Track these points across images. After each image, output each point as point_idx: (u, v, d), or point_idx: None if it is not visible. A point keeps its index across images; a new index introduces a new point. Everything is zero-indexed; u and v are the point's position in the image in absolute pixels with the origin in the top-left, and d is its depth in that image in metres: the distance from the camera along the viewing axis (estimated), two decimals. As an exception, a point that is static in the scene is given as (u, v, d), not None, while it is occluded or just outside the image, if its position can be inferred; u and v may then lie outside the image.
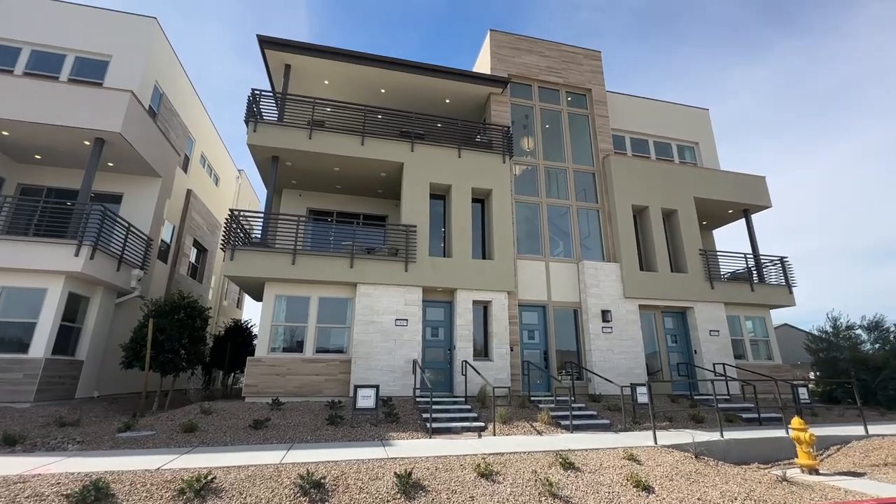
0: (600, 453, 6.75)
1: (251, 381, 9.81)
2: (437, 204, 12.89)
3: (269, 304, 10.58)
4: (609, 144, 14.70)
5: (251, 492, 4.85)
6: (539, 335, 12.41)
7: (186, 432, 7.41)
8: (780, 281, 14.62)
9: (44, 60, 11.90)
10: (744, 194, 15.19)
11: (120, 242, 10.98)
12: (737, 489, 5.72)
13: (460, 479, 5.54)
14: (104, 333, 11.09)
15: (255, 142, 11.33)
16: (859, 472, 7.11)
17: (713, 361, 12.67)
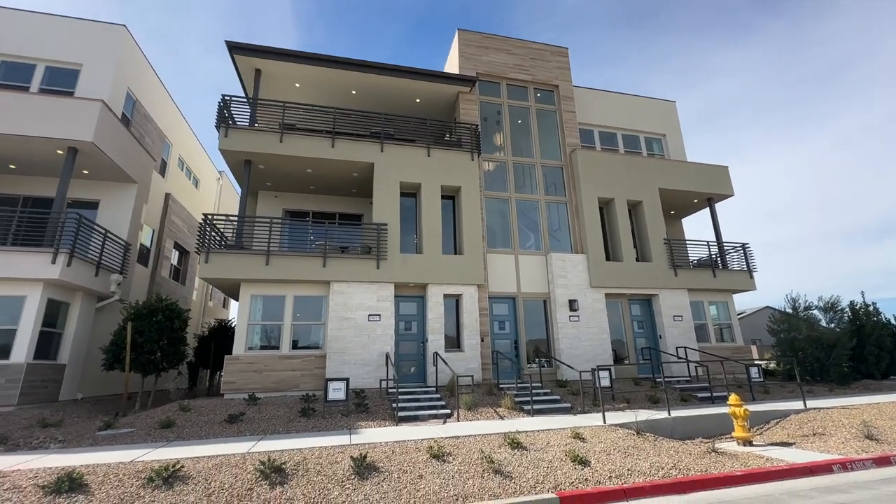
0: (550, 433, 7.28)
1: (229, 379, 10.22)
2: (409, 201, 13.28)
3: (245, 303, 10.96)
4: (576, 139, 15.17)
5: (216, 478, 5.29)
6: (510, 325, 12.94)
7: (164, 428, 7.83)
8: (743, 267, 15.28)
9: (14, 71, 12.03)
10: (707, 184, 15.78)
11: (97, 248, 11.25)
12: (667, 460, 6.29)
13: (413, 460, 6.03)
14: (85, 337, 11.41)
15: (226, 147, 11.62)
16: (790, 442, 7.73)
17: (676, 345, 13.31)
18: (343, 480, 5.39)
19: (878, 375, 14.54)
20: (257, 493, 5.04)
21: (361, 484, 5.33)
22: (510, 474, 5.71)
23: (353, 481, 5.39)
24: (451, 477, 5.59)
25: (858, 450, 6.98)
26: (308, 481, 5.33)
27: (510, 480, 5.56)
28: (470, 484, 5.43)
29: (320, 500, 4.94)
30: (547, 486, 5.44)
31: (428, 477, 5.58)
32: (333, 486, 5.27)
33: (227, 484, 5.16)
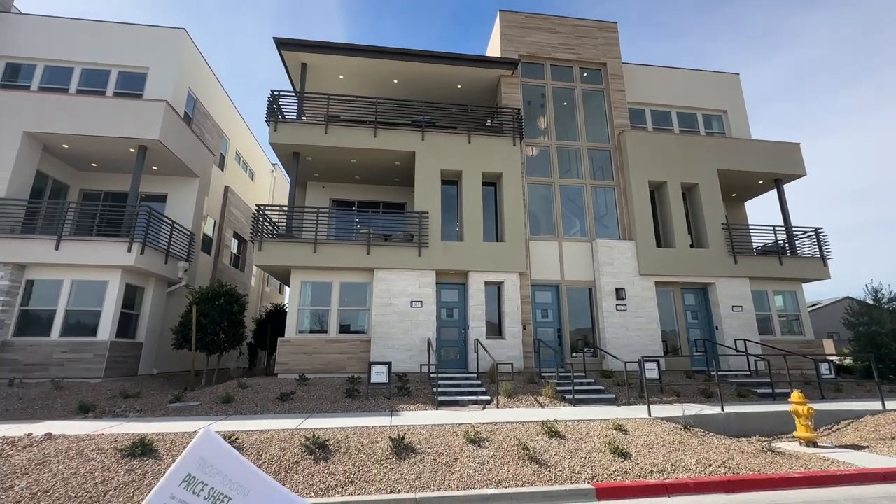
0: (590, 424, 7.14)
1: (282, 360, 10.89)
2: (451, 188, 13.30)
3: (296, 289, 11.57)
4: (625, 119, 14.40)
5: (266, 450, 5.71)
6: (552, 314, 12.71)
7: (224, 403, 8.52)
8: (815, 253, 13.94)
9: (93, 77, 13.26)
10: (774, 163, 14.45)
11: (166, 238, 12.30)
12: (716, 457, 5.97)
13: (450, 444, 6.16)
14: (158, 319, 12.58)
15: (276, 140, 12.19)
16: (862, 445, 7.07)
17: (735, 338, 12.47)
18: (381, 459, 5.62)
19: (980, 376, 12.82)
20: (302, 466, 5.38)
21: (399, 463, 5.54)
22: (546, 462, 5.68)
23: (390, 460, 5.60)
24: (486, 462, 5.66)
25: (946, 458, 6.25)
26: (349, 458, 5.61)
27: (546, 468, 5.53)
28: (504, 470, 5.47)
29: (359, 477, 5.19)
30: (584, 477, 5.36)
31: (463, 461, 5.68)
32: (372, 463, 5.51)
33: (276, 457, 5.55)
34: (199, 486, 0.91)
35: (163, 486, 0.84)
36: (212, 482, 0.93)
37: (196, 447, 0.92)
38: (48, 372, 10.11)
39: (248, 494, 0.99)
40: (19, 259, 10.56)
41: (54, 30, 13.32)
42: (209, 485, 0.92)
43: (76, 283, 10.98)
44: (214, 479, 0.93)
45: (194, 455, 0.90)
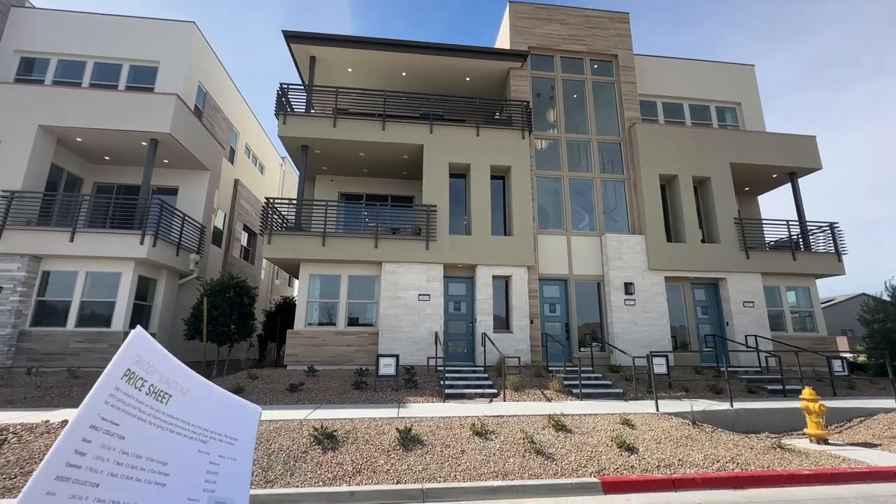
0: (597, 418, 7.13)
1: (291, 351, 11.01)
2: (459, 182, 13.26)
3: (305, 282, 11.67)
4: (636, 112, 14.20)
5: (276, 440, 5.80)
6: (560, 308, 12.67)
7: (235, 393, 8.62)
8: (829, 249, 13.68)
9: (105, 71, 13.40)
10: (789, 157, 14.17)
11: (177, 231, 12.46)
12: (724, 453, 5.94)
13: (457, 436, 6.20)
14: (170, 310, 12.78)
15: (285, 133, 12.23)
16: (875, 443, 6.97)
17: (745, 333, 12.33)
18: (388, 450, 5.68)
19: None
20: (311, 455, 5.46)
21: (405, 455, 5.59)
22: (552, 456, 5.70)
23: (397, 451, 5.66)
24: (493, 454, 5.69)
25: (961, 457, 6.14)
26: (357, 449, 5.68)
27: (552, 462, 5.55)
28: (511, 462, 5.50)
29: (366, 467, 5.26)
30: (590, 471, 5.37)
31: (469, 453, 5.72)
32: (379, 454, 5.57)
33: (286, 446, 5.64)
34: (140, 382, 0.90)
35: (105, 378, 0.82)
36: (150, 378, 0.92)
37: (130, 345, 0.91)
38: (64, 361, 10.34)
39: (187, 393, 0.98)
40: (35, 251, 10.78)
41: (67, 24, 13.46)
42: (148, 381, 0.91)
43: (90, 275, 11.18)
44: (152, 376, 0.93)
45: (130, 351, 0.90)
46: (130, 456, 0.84)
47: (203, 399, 1.07)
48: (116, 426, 0.83)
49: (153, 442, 0.90)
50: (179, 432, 0.96)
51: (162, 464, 0.90)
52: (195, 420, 1.01)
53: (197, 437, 1.00)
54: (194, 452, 0.98)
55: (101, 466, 0.79)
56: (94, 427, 0.80)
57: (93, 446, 0.79)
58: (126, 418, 0.86)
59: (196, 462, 0.98)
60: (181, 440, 0.96)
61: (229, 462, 1.06)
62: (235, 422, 1.13)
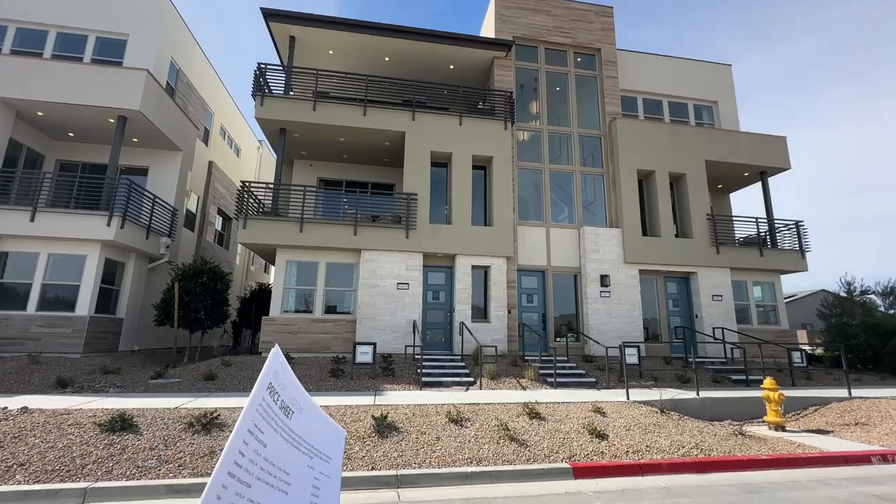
0: (570, 406, 7.30)
1: (266, 339, 10.84)
2: (440, 171, 13.18)
3: (281, 268, 11.45)
4: (617, 107, 14.36)
5: (249, 427, 5.71)
6: (538, 299, 12.84)
7: (207, 380, 8.47)
8: (794, 246, 14.26)
9: (68, 42, 12.65)
10: (760, 156, 14.63)
11: (147, 213, 12.00)
12: (689, 439, 6.18)
13: (433, 423, 6.24)
14: (139, 295, 12.36)
15: (262, 115, 11.88)
16: (827, 430, 7.38)
17: (713, 326, 12.79)
18: (364, 437, 5.68)
19: (941, 367, 13.42)
20: (285, 443, 5.41)
21: (381, 441, 5.60)
22: (525, 442, 5.81)
23: (373, 438, 5.66)
24: (468, 441, 5.76)
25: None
26: (332, 436, 5.65)
27: (525, 448, 5.66)
28: (485, 449, 5.58)
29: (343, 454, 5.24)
30: (561, 456, 5.50)
31: (445, 440, 5.78)
32: (355, 442, 5.57)
33: (259, 433, 5.56)
34: (276, 396, 0.97)
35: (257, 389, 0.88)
36: (282, 394, 1.00)
37: (272, 362, 0.98)
38: (24, 346, 9.89)
39: (302, 411, 1.05)
40: (-8, 230, 10.21)
41: (27, -11, 12.62)
42: (281, 396, 0.99)
43: (53, 257, 10.69)
44: (283, 391, 1.00)
45: (272, 368, 0.97)
46: (268, 463, 0.89)
47: (311, 418, 1.15)
48: (262, 434, 0.90)
49: (282, 453, 0.96)
50: (297, 446, 1.02)
51: (286, 473, 0.95)
52: (306, 437, 1.08)
53: (307, 453, 1.07)
54: (305, 467, 1.04)
55: (252, 469, 0.83)
56: (250, 432, 0.86)
57: (248, 449, 0.84)
58: (267, 428, 0.93)
59: (306, 476, 1.04)
60: (298, 454, 1.02)
61: (326, 479, 1.13)
62: (330, 441, 1.21)
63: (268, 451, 0.90)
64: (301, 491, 1.00)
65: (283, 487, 0.94)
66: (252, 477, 0.84)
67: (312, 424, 1.10)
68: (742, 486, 5.00)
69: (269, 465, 0.89)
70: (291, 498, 0.95)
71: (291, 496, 0.95)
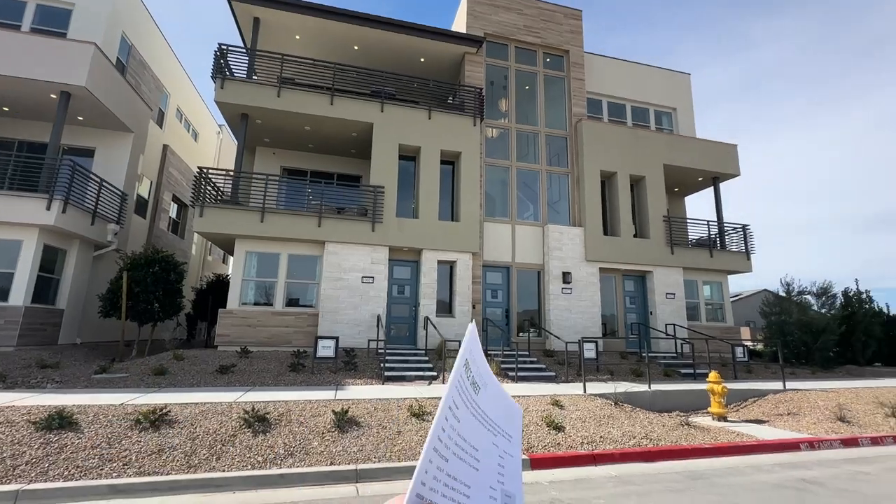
0: (530, 399, 7.48)
1: (223, 332, 10.45)
2: (408, 164, 13.08)
3: (240, 259, 11.05)
4: (583, 109, 14.73)
5: (202, 423, 5.50)
6: (502, 294, 13.05)
7: (157, 375, 8.07)
8: (741, 248, 15.17)
9: (4, 8, 11.60)
10: (714, 162, 15.43)
11: (93, 197, 11.23)
12: (639, 430, 6.48)
13: (394, 417, 6.23)
14: (83, 284, 11.58)
15: (222, 99, 11.35)
16: (763, 420, 7.94)
17: (666, 322, 13.44)
18: (324, 432, 5.60)
19: (863, 362, 14.75)
20: (240, 439, 5.25)
21: (341, 436, 5.54)
22: (486, 435, 5.90)
23: (332, 433, 5.59)
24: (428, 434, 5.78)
25: (829, 431, 7.16)
26: (290, 431, 5.54)
27: (485, 441, 5.74)
28: (446, 442, 5.62)
29: (299, 450, 5.15)
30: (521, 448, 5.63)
31: (406, 433, 5.79)
32: (314, 436, 5.48)
33: (212, 430, 5.37)
34: (469, 372, 0.98)
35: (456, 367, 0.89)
36: (473, 369, 0.99)
37: (469, 340, 0.97)
38: (-52, 338, 9.07)
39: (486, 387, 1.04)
40: (-90, 210, 9.26)
41: (-46, -54, 11.45)
42: (472, 371, 0.99)
43: (-17, 242, 9.83)
44: (475, 367, 0.99)
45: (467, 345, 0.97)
46: (461, 439, 0.87)
47: (493, 394, 1.12)
48: (457, 409, 0.88)
49: (472, 429, 0.93)
50: (483, 422, 0.99)
51: (475, 450, 0.92)
52: (490, 413, 1.11)
53: (491, 430, 1.12)
54: (490, 444, 1.01)
55: (449, 444, 0.82)
56: (450, 408, 0.85)
57: (447, 425, 0.83)
58: (461, 404, 0.91)
59: (492, 453, 1.10)
60: (484, 430, 0.98)
61: (510, 458, 1.12)
62: (510, 419, 1.18)
63: (461, 427, 0.87)
64: (489, 468, 1.05)
65: (475, 464, 0.99)
66: (449, 452, 0.82)
67: (494, 401, 1.14)
68: (686, 473, 5.30)
69: (462, 440, 0.86)
70: (482, 475, 1.00)
71: (482, 473, 1.00)
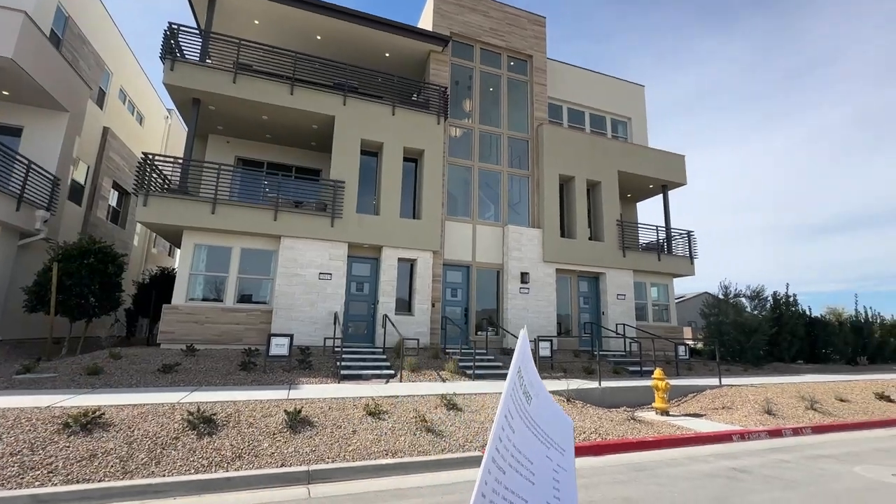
0: (486, 396, 7.59)
1: (167, 328, 9.85)
2: (370, 160, 12.88)
3: (188, 252, 10.46)
4: (545, 113, 15.10)
5: (140, 426, 5.16)
6: (462, 293, 13.15)
7: (90, 375, 7.48)
8: (686, 253, 16.13)
9: (-86, -37, 10.31)
10: (663, 171, 16.30)
11: (19, 180, 10.24)
12: (589, 425, 6.74)
13: (349, 416, 6.12)
14: (6, 276, 10.53)
15: (171, 81, 10.69)
16: (701, 414, 8.48)
17: (617, 322, 14.06)
18: (275, 433, 5.41)
19: (788, 359, 16.11)
20: (183, 442, 4.97)
21: (293, 437, 5.38)
22: (442, 433, 5.94)
23: (284, 434, 5.42)
24: (384, 433, 5.74)
25: (757, 423, 7.76)
26: (238, 433, 5.31)
27: (441, 439, 5.78)
28: (402, 441, 5.61)
29: (248, 451, 4.95)
30: (475, 445, 5.71)
31: (361, 433, 5.70)
32: (264, 437, 5.28)
33: (152, 433, 5.05)
34: (521, 381, 0.98)
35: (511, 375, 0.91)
36: (525, 377, 1.01)
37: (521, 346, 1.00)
38: None
39: (538, 396, 1.06)
40: None
41: None
42: (524, 379, 0.99)
43: None
44: (526, 375, 1.01)
45: (520, 352, 0.99)
46: (516, 450, 0.89)
47: (544, 404, 1.12)
48: (512, 419, 0.90)
49: (526, 440, 0.94)
50: (536, 434, 1.00)
51: (530, 462, 0.93)
52: (541, 424, 1.04)
53: (543, 442, 1.03)
54: (544, 457, 1.01)
55: (506, 456, 0.84)
56: (505, 417, 0.86)
57: (504, 435, 0.85)
58: (515, 413, 0.92)
59: (546, 466, 1.01)
60: (537, 443, 1.00)
61: (563, 472, 1.08)
62: (561, 431, 1.15)
63: (516, 438, 0.90)
64: (544, 482, 0.99)
65: (530, 477, 0.93)
66: (506, 464, 0.85)
67: (545, 411, 1.08)
68: (631, 465, 5.57)
69: (517, 452, 0.89)
70: (537, 489, 0.94)
71: (537, 487, 0.94)
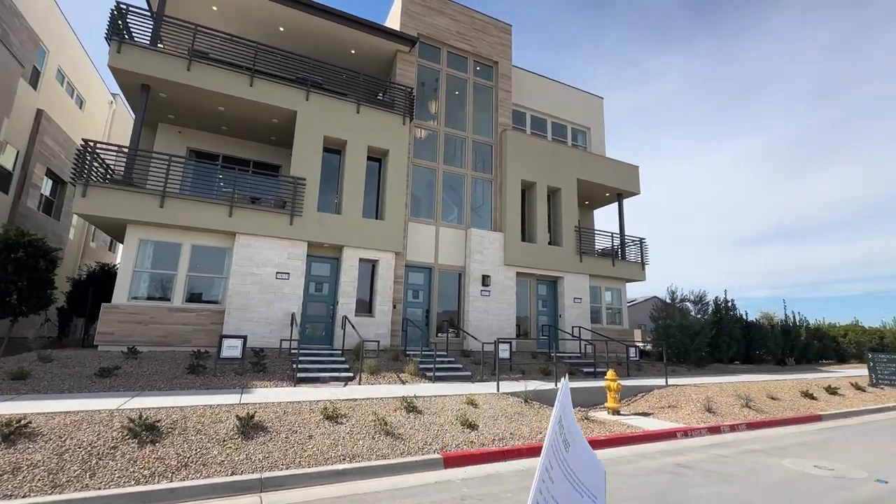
0: (446, 399, 7.61)
1: (106, 329, 9.17)
2: (333, 158, 12.62)
3: (132, 248, 9.80)
4: (509, 119, 15.39)
5: (73, 435, 4.77)
6: (423, 295, 13.13)
7: (15, 380, 6.84)
8: (638, 259, 16.93)
9: None
10: (619, 180, 17.03)
11: (-66, 164, 9.22)
12: (546, 425, 6.91)
13: (305, 421, 5.95)
14: (-86, 270, 9.42)
15: (118, 64, 9.99)
16: (649, 412, 8.91)
17: (573, 325, 14.52)
18: (225, 440, 5.17)
19: (727, 360, 17.26)
20: (122, 451, 4.65)
21: (245, 443, 5.16)
22: (401, 436, 5.89)
23: (235, 441, 5.19)
24: (342, 438, 5.62)
25: (699, 420, 8.25)
26: (185, 440, 5.02)
27: (400, 442, 5.73)
28: (360, 445, 5.51)
29: (195, 460, 4.69)
30: (434, 448, 5.71)
31: (318, 437, 5.56)
32: (213, 445, 5.03)
33: (87, 442, 4.68)
34: (562, 430, 1.00)
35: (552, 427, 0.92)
36: (565, 426, 1.03)
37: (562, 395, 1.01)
38: None
39: (575, 443, 1.06)
40: None
41: None
42: (564, 429, 1.02)
43: None
44: (565, 423, 1.03)
45: (561, 401, 1.00)
46: (553, 500, 0.88)
47: (580, 451, 1.09)
48: (552, 470, 0.90)
49: (563, 491, 0.93)
50: (573, 483, 0.98)
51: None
52: (577, 472, 1.02)
53: (579, 490, 1.01)
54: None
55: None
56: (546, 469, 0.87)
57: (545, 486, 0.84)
58: (555, 464, 0.92)
59: None
60: (573, 492, 0.97)
61: None
62: (594, 477, 1.13)
63: (555, 489, 0.90)
64: None
65: None
66: None
67: (580, 458, 1.08)
68: (584, 464, 5.76)
69: (554, 502, 0.89)
70: None
71: None
